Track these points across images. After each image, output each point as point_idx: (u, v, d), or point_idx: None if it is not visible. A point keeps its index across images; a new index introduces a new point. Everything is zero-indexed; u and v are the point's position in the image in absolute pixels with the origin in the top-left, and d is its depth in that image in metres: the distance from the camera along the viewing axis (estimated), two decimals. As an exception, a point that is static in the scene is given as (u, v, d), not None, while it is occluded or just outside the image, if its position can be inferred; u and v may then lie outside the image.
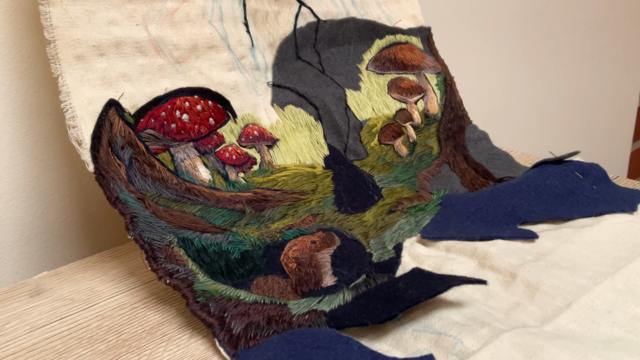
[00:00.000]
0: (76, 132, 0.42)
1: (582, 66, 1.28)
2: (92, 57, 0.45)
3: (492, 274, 0.43)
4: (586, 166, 0.56)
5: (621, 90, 1.44)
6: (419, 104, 0.64)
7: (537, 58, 1.14)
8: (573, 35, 1.22)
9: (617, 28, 1.35)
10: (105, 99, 0.44)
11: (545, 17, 1.13)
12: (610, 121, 1.43)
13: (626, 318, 0.37)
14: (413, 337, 0.36)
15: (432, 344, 0.35)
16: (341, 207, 0.50)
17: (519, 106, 1.13)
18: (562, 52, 1.20)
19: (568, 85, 1.25)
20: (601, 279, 0.40)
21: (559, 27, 1.17)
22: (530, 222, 0.50)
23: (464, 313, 0.38)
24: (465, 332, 0.35)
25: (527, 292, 0.40)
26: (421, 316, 0.37)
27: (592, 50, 1.29)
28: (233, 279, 0.41)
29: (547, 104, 1.21)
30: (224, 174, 0.48)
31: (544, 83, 1.18)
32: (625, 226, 0.48)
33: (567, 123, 1.29)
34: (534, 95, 1.17)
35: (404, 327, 0.37)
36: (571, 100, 1.28)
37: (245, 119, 0.53)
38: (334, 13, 0.63)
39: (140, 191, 0.42)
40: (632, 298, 0.39)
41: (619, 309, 0.38)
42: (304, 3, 0.61)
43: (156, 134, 0.46)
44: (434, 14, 0.78)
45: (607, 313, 0.37)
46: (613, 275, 0.41)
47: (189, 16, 0.51)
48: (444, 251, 0.46)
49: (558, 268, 0.42)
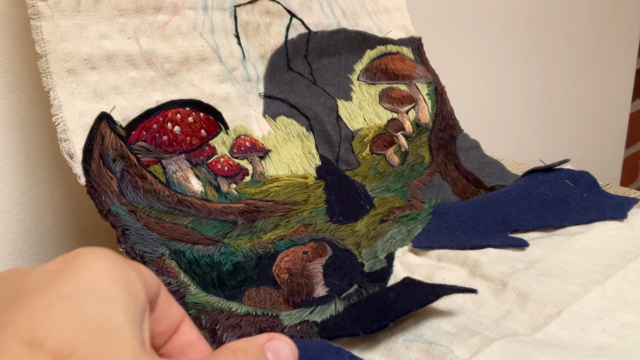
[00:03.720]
0: (68, 146, 0.43)
1: (573, 73, 1.28)
2: (84, 71, 0.45)
3: (483, 283, 0.43)
4: (576, 174, 0.57)
5: (613, 97, 1.45)
6: (410, 113, 0.64)
7: (527, 65, 1.14)
8: (564, 42, 1.23)
9: (608, 35, 1.36)
10: (97, 112, 0.45)
11: (535, 24, 1.13)
12: (602, 128, 1.44)
13: (616, 325, 0.37)
14: (404, 347, 0.36)
15: (424, 353, 0.35)
16: (333, 217, 0.50)
17: (510, 114, 1.14)
18: (552, 59, 1.21)
19: (559, 93, 1.26)
20: (591, 287, 0.41)
21: (549, 34, 1.18)
22: (521, 230, 0.50)
23: (454, 322, 0.38)
24: (456, 341, 0.36)
25: (518, 300, 0.40)
26: (412, 326, 0.38)
27: (583, 57, 1.30)
28: (225, 291, 0.41)
29: (538, 111, 1.21)
30: (215, 186, 0.48)
31: (535, 90, 1.19)
32: (615, 233, 0.49)
33: (559, 130, 1.29)
34: (526, 103, 1.17)
35: (395, 336, 0.37)
36: (563, 108, 1.28)
37: (237, 130, 0.53)
38: (325, 24, 0.63)
39: (132, 204, 0.42)
40: (622, 305, 0.39)
41: (609, 316, 0.38)
42: (295, 15, 0.61)
43: (148, 146, 0.46)
44: (424, 23, 0.78)
45: (597, 320, 0.38)
46: (603, 283, 0.41)
47: (180, 29, 0.51)
48: (436, 260, 0.47)
49: (548, 276, 0.42)
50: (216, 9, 0.54)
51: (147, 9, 0.49)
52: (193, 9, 0.52)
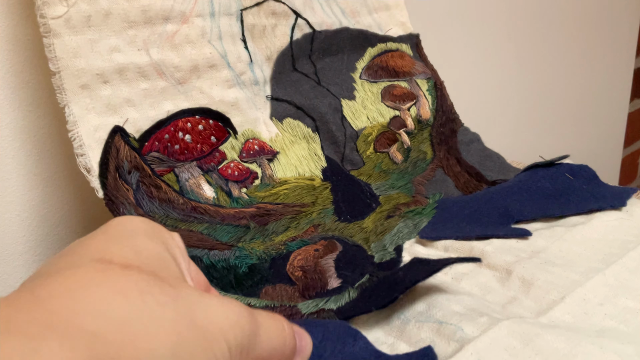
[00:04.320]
0: (85, 160, 0.44)
1: (572, 72, 1.29)
2: (97, 85, 0.46)
3: (488, 272, 0.45)
4: (576, 168, 0.58)
5: (612, 96, 1.45)
6: (411, 110, 0.66)
7: (526, 65, 1.15)
8: (562, 41, 1.23)
9: (607, 34, 1.36)
10: (111, 125, 0.46)
11: (533, 22, 1.14)
12: (601, 127, 1.45)
13: (617, 310, 0.39)
14: (416, 328, 0.38)
15: (434, 332, 0.37)
16: (341, 216, 0.52)
17: (508, 113, 1.15)
18: (551, 58, 1.21)
19: (558, 91, 1.26)
20: (593, 274, 0.42)
21: (547, 33, 1.18)
22: (524, 221, 0.52)
23: (463, 304, 0.40)
24: (465, 320, 0.37)
25: (522, 287, 0.42)
26: (423, 308, 0.40)
27: (582, 56, 1.30)
28: (243, 290, 0.43)
29: (537, 110, 1.22)
30: (227, 191, 0.50)
31: (534, 89, 1.19)
32: (615, 223, 0.50)
33: (558, 129, 1.30)
34: (524, 102, 1.18)
35: (407, 319, 0.39)
36: (561, 106, 1.29)
37: (246, 134, 0.54)
38: (329, 23, 0.64)
39: (148, 214, 0.44)
40: (622, 291, 0.40)
41: (610, 302, 0.40)
42: (300, 15, 0.62)
43: (160, 156, 0.48)
44: (420, 20, 0.79)
45: (599, 305, 0.39)
46: (604, 271, 0.43)
47: (189, 37, 0.52)
48: (443, 251, 0.48)
49: (551, 265, 0.44)
50: (223, 14, 0.55)
51: (157, 20, 0.50)
52: (200, 16, 0.53)
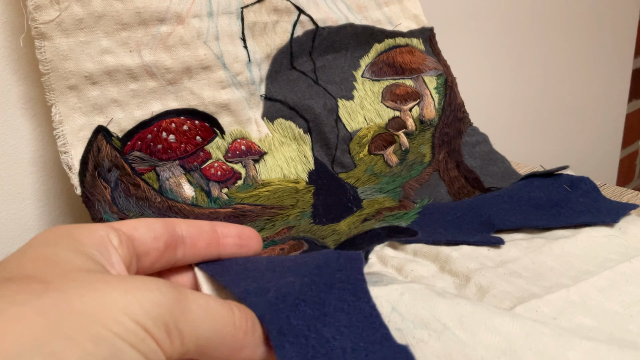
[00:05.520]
0: (67, 158, 0.46)
1: (569, 73, 1.27)
2: (85, 87, 0.48)
3: (449, 278, 0.44)
4: (576, 180, 0.56)
5: (610, 97, 1.43)
6: (414, 110, 0.65)
7: (523, 66, 1.13)
8: (560, 42, 1.21)
9: (605, 35, 1.34)
10: (95, 125, 0.48)
11: (531, 24, 1.12)
12: (599, 128, 1.42)
13: (570, 325, 0.37)
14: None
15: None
16: (316, 219, 0.52)
17: (505, 114, 1.13)
18: (549, 59, 1.19)
19: (556, 92, 1.24)
20: (556, 289, 0.41)
21: (545, 34, 1.16)
22: (506, 231, 0.51)
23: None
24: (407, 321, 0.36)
25: (477, 294, 0.41)
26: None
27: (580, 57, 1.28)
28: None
29: (534, 111, 1.20)
30: (207, 191, 0.51)
31: (531, 90, 1.17)
32: (603, 240, 0.48)
33: (555, 130, 1.28)
34: (521, 103, 1.16)
35: None
36: (559, 108, 1.26)
37: (234, 134, 0.55)
38: (334, 19, 0.63)
39: (123, 211, 0.46)
40: (582, 309, 0.39)
41: (566, 317, 0.38)
42: (303, 11, 0.61)
43: (142, 155, 0.49)
44: (430, 15, 0.78)
45: (551, 319, 0.38)
46: (570, 287, 0.41)
47: (183, 39, 0.52)
48: (411, 254, 0.48)
49: (516, 276, 0.43)
50: (222, 13, 0.54)
51: (151, 21, 0.50)
52: (198, 16, 0.53)
